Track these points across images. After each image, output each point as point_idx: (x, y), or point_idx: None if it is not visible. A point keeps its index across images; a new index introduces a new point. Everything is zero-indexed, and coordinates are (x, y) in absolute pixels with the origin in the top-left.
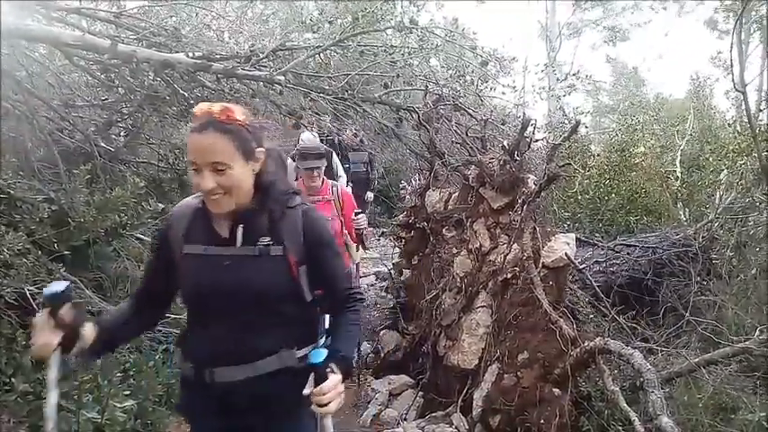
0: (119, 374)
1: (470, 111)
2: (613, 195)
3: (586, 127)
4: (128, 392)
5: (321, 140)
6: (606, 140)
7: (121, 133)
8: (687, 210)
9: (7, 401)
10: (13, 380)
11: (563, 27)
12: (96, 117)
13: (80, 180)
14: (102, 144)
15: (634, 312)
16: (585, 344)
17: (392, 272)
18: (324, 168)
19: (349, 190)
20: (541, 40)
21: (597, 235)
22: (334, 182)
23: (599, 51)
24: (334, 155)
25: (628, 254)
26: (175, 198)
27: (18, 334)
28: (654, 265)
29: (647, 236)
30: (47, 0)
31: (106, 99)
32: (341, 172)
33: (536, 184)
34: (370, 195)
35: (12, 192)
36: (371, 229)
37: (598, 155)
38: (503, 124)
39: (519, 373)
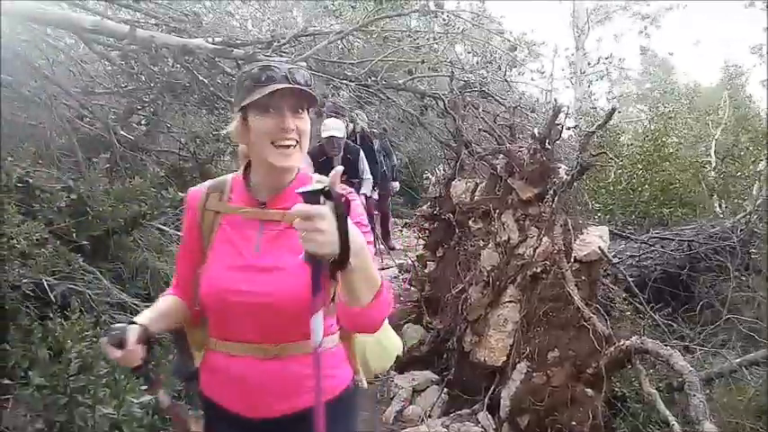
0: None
1: (498, 98)
2: (646, 186)
3: (620, 113)
4: (145, 387)
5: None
6: (637, 130)
7: (142, 121)
8: (723, 202)
9: (23, 395)
10: (29, 373)
11: (591, 12)
12: (116, 105)
13: (99, 169)
14: (122, 132)
15: (669, 309)
16: (621, 343)
17: (416, 264)
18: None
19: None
20: (568, 27)
21: (630, 227)
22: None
23: (626, 38)
24: (362, 152)
25: (662, 247)
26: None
27: (35, 326)
28: (690, 259)
29: (681, 229)
30: None
31: (126, 86)
32: (366, 173)
33: (568, 174)
34: (395, 185)
35: (30, 180)
36: (393, 220)
37: (630, 144)
38: (532, 111)
39: (549, 371)
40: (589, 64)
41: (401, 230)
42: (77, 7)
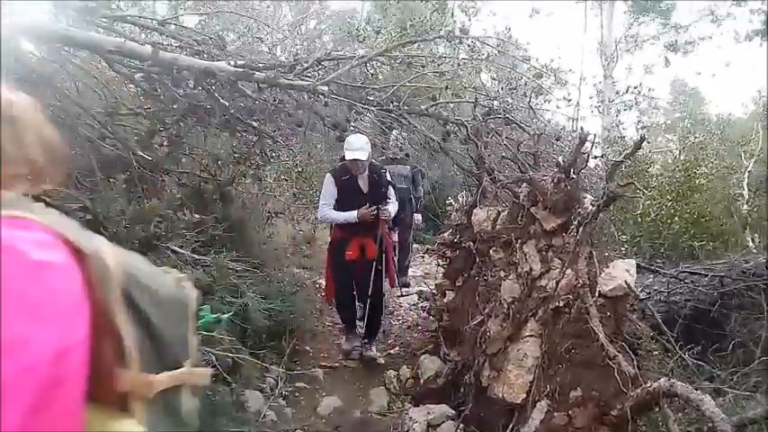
0: None
1: (522, 125)
2: (676, 218)
3: (649, 142)
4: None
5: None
6: (666, 160)
7: (164, 143)
8: (756, 236)
9: None
10: None
11: (619, 41)
12: (139, 126)
13: (117, 189)
14: (140, 153)
15: (699, 348)
16: (648, 384)
17: (435, 292)
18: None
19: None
20: (595, 55)
21: (658, 261)
22: None
23: (657, 68)
24: (388, 173)
25: (692, 282)
26: (217, 209)
27: None
28: (721, 295)
29: (713, 263)
30: (91, 3)
31: (149, 108)
32: (392, 196)
33: (593, 205)
34: (417, 218)
35: (47, 200)
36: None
37: (660, 175)
38: (557, 140)
39: (571, 411)
40: (617, 93)
41: (422, 257)
42: (105, 29)
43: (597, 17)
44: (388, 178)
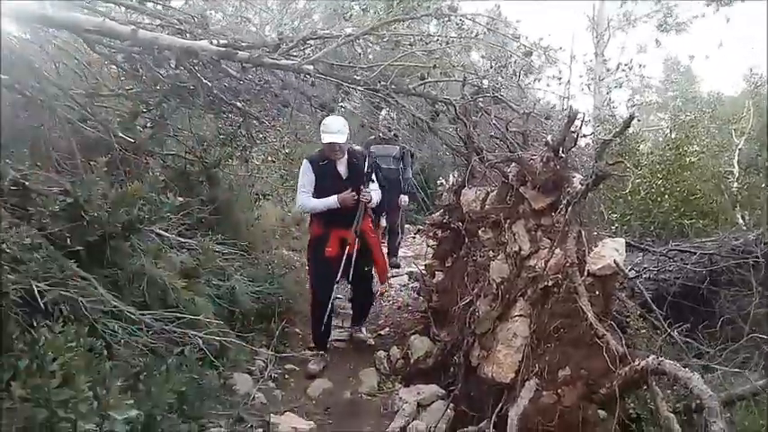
0: (126, 381)
1: (512, 104)
2: (666, 196)
3: (639, 120)
4: (131, 401)
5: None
6: (657, 138)
7: (147, 124)
8: (746, 213)
9: (4, 407)
10: (12, 384)
11: (611, 20)
12: (121, 107)
13: (98, 172)
14: (121, 135)
15: (688, 325)
16: (636, 362)
17: (424, 273)
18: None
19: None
20: (588, 33)
21: (648, 239)
22: None
23: (648, 47)
24: (369, 158)
25: (682, 260)
26: (203, 191)
27: (17, 334)
28: (710, 273)
29: (702, 241)
30: None
31: (131, 89)
32: (375, 183)
33: (582, 184)
34: (404, 199)
35: (27, 183)
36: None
37: (650, 153)
38: (547, 119)
39: (560, 390)
40: (608, 70)
41: (413, 237)
42: (87, 9)
43: None
44: (372, 162)
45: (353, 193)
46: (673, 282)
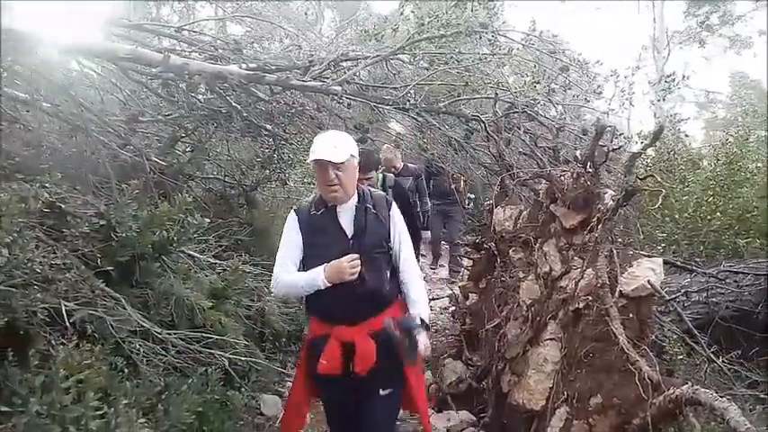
0: (148, 399)
1: (541, 118)
2: (718, 214)
3: (687, 135)
4: (143, 420)
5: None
6: (712, 153)
7: (186, 149)
8: None
9: (20, 423)
10: (31, 399)
11: (673, 35)
12: (160, 133)
13: (129, 194)
14: (154, 159)
15: (739, 351)
16: (671, 391)
17: (458, 295)
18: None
19: None
20: (644, 50)
21: (697, 259)
22: None
23: (714, 61)
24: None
25: (735, 282)
26: (241, 213)
27: (32, 354)
28: (767, 296)
29: (758, 261)
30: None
31: (169, 114)
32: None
33: (613, 200)
34: (426, 236)
35: (63, 206)
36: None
37: (699, 168)
38: (584, 134)
39: (591, 419)
40: (649, 83)
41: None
42: (120, 37)
43: (647, 9)
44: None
45: (354, 262)
46: (725, 305)
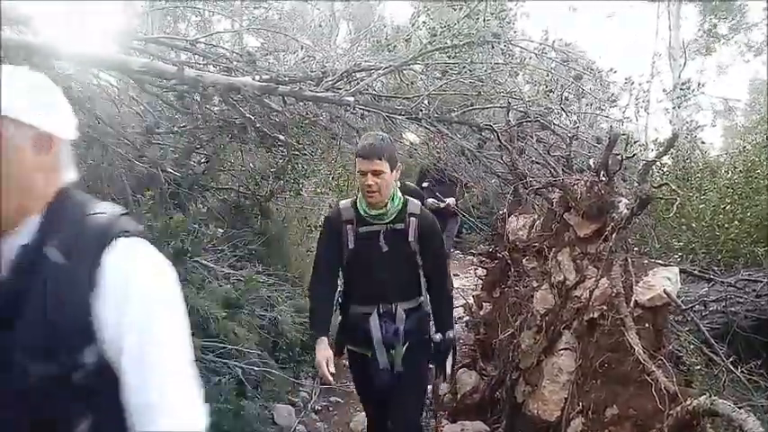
0: None
1: (554, 127)
2: (736, 222)
3: (703, 142)
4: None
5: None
6: (729, 161)
7: (202, 160)
8: None
9: None
10: None
11: (689, 44)
12: (176, 144)
13: (143, 205)
14: (169, 170)
15: (759, 362)
16: (688, 402)
17: (472, 305)
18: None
19: None
20: (658, 58)
21: (715, 269)
22: None
23: (732, 69)
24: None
25: (753, 290)
26: (255, 224)
27: None
28: None
29: None
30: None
31: (184, 126)
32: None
33: (628, 208)
34: None
35: None
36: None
37: (715, 176)
38: (598, 143)
39: (607, 430)
40: (664, 91)
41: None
42: (136, 51)
43: (661, 17)
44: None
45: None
46: (745, 315)
